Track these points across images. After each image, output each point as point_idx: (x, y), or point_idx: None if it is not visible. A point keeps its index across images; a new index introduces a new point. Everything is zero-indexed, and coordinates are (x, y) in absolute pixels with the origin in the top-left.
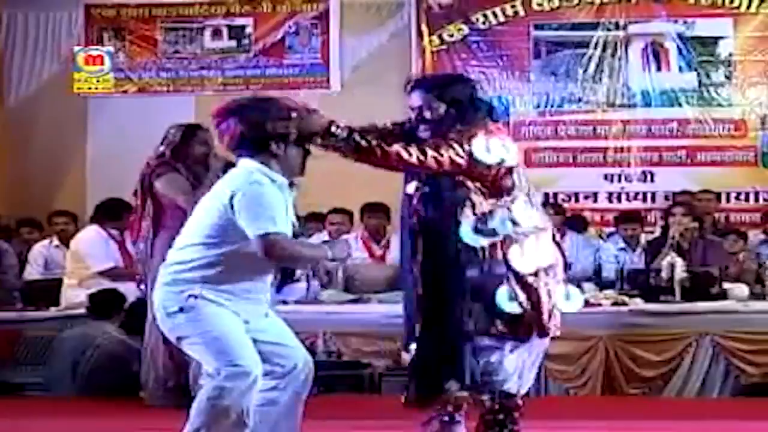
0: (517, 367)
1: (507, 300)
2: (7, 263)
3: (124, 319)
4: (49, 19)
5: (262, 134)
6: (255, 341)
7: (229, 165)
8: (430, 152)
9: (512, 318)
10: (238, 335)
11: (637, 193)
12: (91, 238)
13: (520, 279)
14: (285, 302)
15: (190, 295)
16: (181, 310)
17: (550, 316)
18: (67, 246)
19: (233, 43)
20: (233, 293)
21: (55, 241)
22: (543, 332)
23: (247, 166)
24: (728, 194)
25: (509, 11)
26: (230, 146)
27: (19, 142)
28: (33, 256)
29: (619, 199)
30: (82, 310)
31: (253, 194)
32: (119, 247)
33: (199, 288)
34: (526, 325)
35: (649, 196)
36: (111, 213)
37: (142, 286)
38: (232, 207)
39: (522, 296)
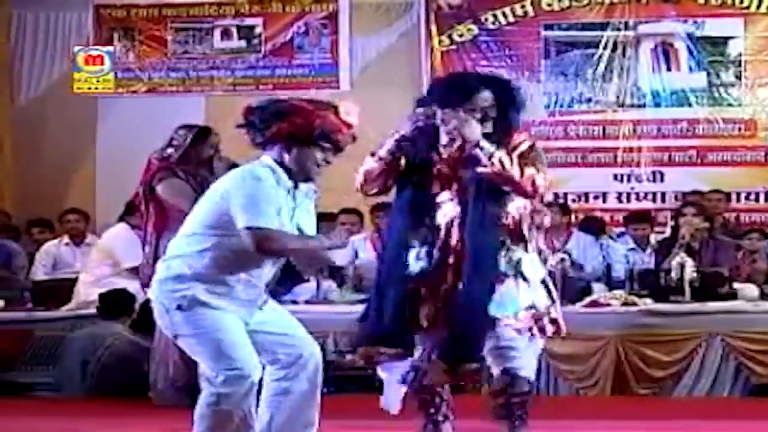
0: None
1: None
2: (17, 264)
3: (134, 318)
4: (58, 19)
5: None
6: (257, 332)
7: (233, 166)
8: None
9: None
10: (236, 336)
11: (647, 193)
12: (121, 235)
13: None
14: (295, 302)
15: (184, 296)
16: (179, 308)
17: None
18: (77, 245)
19: (243, 44)
20: (227, 295)
21: (66, 239)
22: (542, 334)
23: (261, 160)
24: (738, 194)
25: (519, 11)
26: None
27: (29, 142)
28: (40, 256)
29: (628, 199)
30: (92, 310)
31: (248, 187)
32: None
33: (196, 286)
34: (544, 324)
35: (659, 196)
36: (129, 210)
37: (147, 289)
38: (228, 199)
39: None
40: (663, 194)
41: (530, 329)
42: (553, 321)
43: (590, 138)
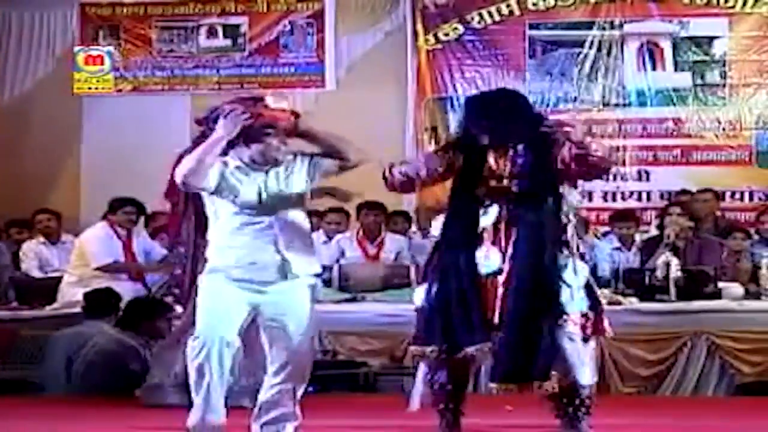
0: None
1: (581, 299)
2: (2, 262)
3: (120, 317)
4: (44, 17)
5: None
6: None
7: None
8: None
9: (585, 318)
10: None
11: (632, 192)
12: (95, 235)
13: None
14: None
15: None
16: None
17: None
18: (53, 243)
19: (228, 42)
20: None
21: (41, 239)
22: (601, 332)
23: None
24: (723, 193)
25: (504, 10)
26: None
27: (13, 142)
28: (25, 254)
29: (614, 198)
30: (77, 309)
31: None
32: (123, 246)
33: None
34: (592, 326)
35: (644, 195)
36: (112, 209)
37: (177, 290)
38: None
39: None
40: (648, 193)
41: (584, 331)
42: (596, 324)
43: None
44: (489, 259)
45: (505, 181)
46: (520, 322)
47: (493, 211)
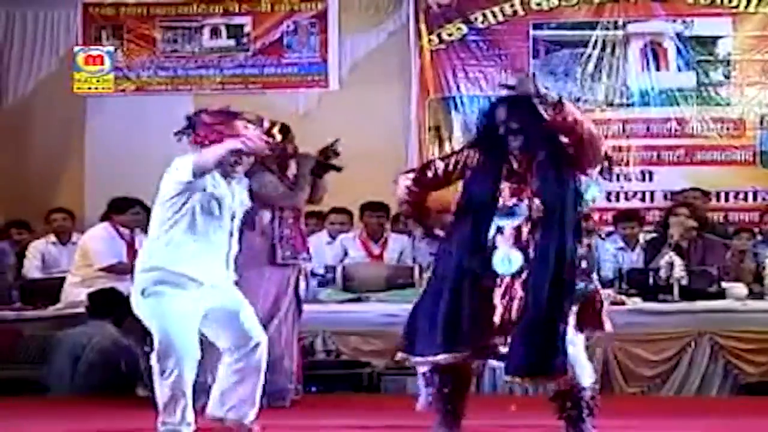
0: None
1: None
2: (7, 262)
3: (123, 318)
4: (47, 17)
5: None
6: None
7: (321, 163)
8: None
9: (580, 310)
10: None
11: (635, 192)
12: (98, 235)
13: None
14: None
15: None
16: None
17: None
18: (63, 244)
19: (232, 42)
20: None
21: (52, 238)
22: (600, 326)
23: None
24: (727, 194)
25: (508, 11)
26: None
27: (17, 142)
28: (31, 253)
29: (617, 198)
30: (81, 309)
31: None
32: (127, 246)
33: None
34: (590, 318)
35: (647, 195)
36: (118, 209)
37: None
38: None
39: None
40: (652, 193)
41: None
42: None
43: None
44: (510, 260)
45: (528, 184)
46: (537, 320)
47: (522, 211)
